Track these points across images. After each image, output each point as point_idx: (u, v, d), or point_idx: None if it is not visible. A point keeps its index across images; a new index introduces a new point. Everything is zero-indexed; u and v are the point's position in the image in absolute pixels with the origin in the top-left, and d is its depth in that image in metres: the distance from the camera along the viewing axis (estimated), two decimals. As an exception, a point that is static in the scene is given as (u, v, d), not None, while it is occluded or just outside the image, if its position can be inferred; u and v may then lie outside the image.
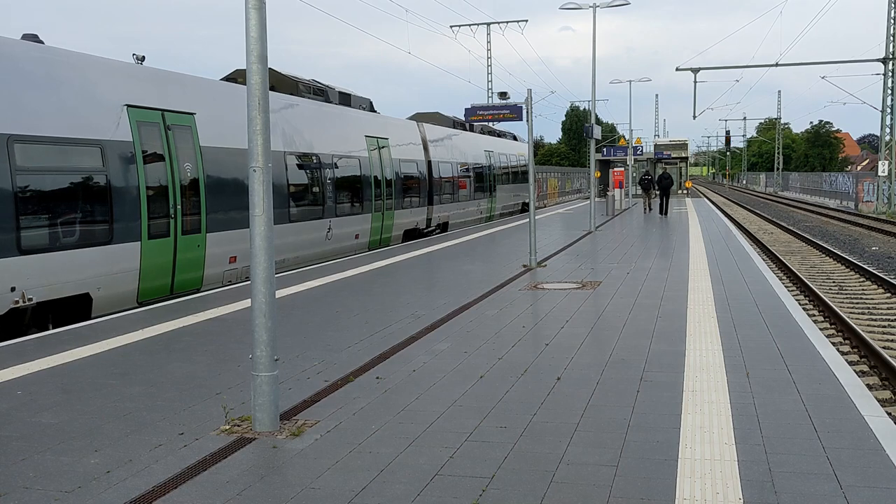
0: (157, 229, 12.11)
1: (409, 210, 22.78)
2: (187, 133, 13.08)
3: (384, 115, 22.85)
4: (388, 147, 21.48)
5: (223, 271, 13.85)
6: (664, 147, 55.48)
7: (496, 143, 33.88)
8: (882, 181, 43.12)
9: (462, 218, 28.15)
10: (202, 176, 13.28)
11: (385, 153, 21.23)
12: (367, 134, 20.36)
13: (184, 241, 12.78)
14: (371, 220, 20.03)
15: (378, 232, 20.61)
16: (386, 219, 21.11)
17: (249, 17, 5.70)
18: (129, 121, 11.74)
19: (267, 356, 5.77)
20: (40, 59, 10.69)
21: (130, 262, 11.57)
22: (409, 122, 24.92)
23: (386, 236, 21.27)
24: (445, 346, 8.42)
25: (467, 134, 30.25)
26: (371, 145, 20.38)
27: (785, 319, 9.48)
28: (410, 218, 23.02)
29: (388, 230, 21.32)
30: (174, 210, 12.47)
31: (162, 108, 12.52)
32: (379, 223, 20.62)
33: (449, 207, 26.65)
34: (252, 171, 5.74)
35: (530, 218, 16.25)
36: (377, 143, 20.75)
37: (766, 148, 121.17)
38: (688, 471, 4.86)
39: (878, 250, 24.85)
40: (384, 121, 22.31)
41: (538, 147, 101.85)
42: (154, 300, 12.10)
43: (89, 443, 5.54)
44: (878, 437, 5.38)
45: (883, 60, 41.35)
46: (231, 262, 14.10)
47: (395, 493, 4.62)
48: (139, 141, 11.84)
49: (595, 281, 13.15)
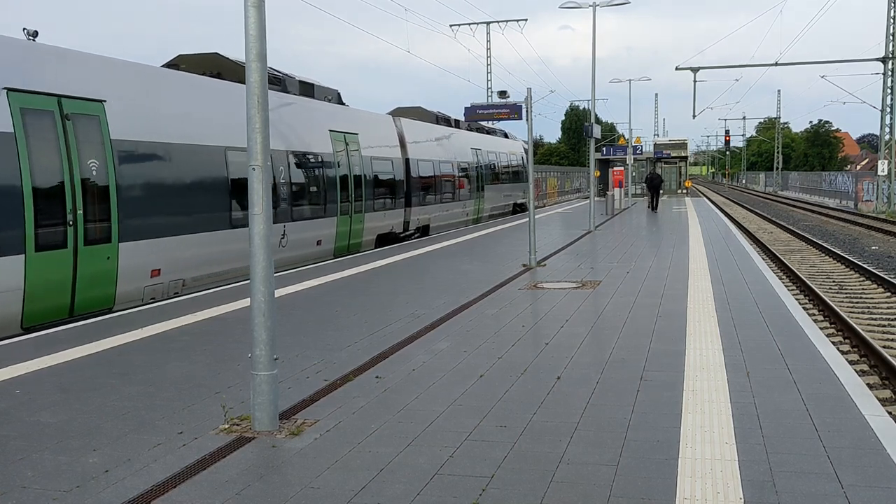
0: (47, 239, 10.15)
1: (382, 213, 20.85)
2: (93, 124, 11.12)
3: (354, 109, 21.05)
4: (357, 143, 19.53)
5: (143, 287, 11.85)
6: (664, 146, 55.47)
7: (485, 140, 32.28)
8: (882, 180, 43.10)
9: (445, 220, 26.33)
10: (113, 175, 11.28)
11: (354, 150, 19.27)
12: (333, 128, 18.42)
13: (87, 252, 10.79)
14: (336, 225, 18.07)
15: (345, 237, 18.70)
16: (354, 222, 19.11)
17: (248, 15, 5.69)
18: (9, 107, 9.80)
19: (266, 355, 5.76)
20: None
21: (9, 281, 9.66)
22: (383, 116, 23.13)
23: (355, 241, 19.34)
24: (445, 345, 8.41)
25: (451, 130, 28.53)
26: (337, 141, 18.45)
27: (785, 319, 9.47)
28: (385, 221, 21.12)
29: (357, 235, 19.35)
30: (73, 216, 10.52)
31: (58, 94, 10.55)
32: (346, 227, 18.66)
33: (430, 209, 24.78)
34: (251, 169, 5.74)
35: (530, 217, 16.24)
36: (344, 139, 18.84)
37: (766, 147, 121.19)
38: (688, 470, 4.85)
39: (877, 249, 24.84)
40: (354, 115, 20.45)
41: (538, 146, 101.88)
42: (47, 324, 10.22)
43: (88, 442, 5.53)
44: (879, 436, 5.37)
45: (882, 60, 41.32)
46: (154, 276, 12.12)
47: (395, 493, 4.61)
48: (23, 132, 9.91)
49: (595, 280, 13.14)
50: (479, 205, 30.27)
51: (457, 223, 27.51)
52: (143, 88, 12.48)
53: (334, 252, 18.13)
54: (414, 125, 24.46)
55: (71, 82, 10.94)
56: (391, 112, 25.73)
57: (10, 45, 10.41)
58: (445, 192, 26.21)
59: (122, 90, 11.91)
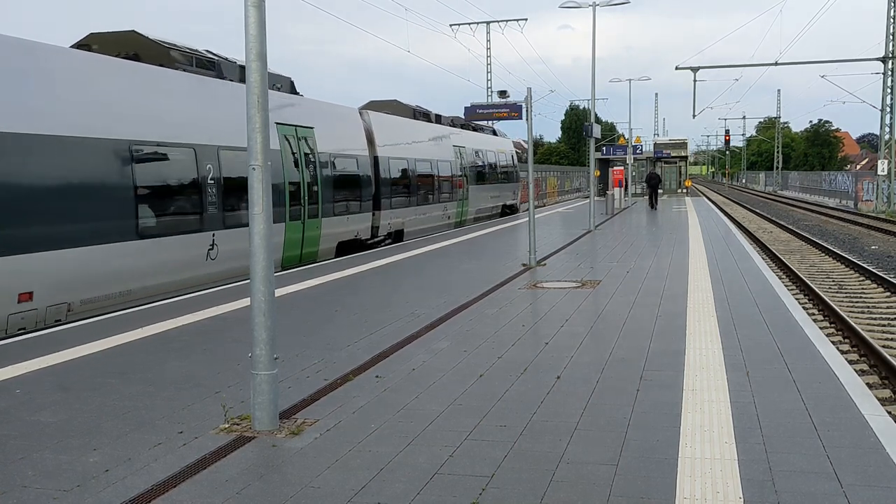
0: None
1: (345, 217, 18.37)
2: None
3: (310, 100, 18.37)
4: (312, 138, 17.02)
5: (7, 315, 9.64)
6: (664, 146, 55.48)
7: (470, 137, 30.01)
8: (881, 180, 43.10)
9: (422, 224, 23.97)
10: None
11: (308, 146, 16.82)
12: (281, 121, 15.89)
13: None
14: (285, 231, 15.54)
15: (296, 246, 16.17)
16: (308, 228, 16.58)
17: (248, 14, 5.68)
18: None
19: (266, 355, 5.76)
20: None
21: None
22: (347, 109, 20.43)
23: (310, 251, 16.83)
24: (445, 344, 8.41)
25: (431, 126, 26.28)
26: (286, 135, 16.00)
27: (785, 318, 9.47)
28: (348, 227, 18.58)
29: (312, 243, 16.82)
30: None
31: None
32: (297, 234, 16.09)
33: (403, 212, 22.50)
34: (251, 169, 5.72)
35: (530, 217, 16.24)
36: (295, 134, 16.39)
37: (766, 147, 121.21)
38: (688, 470, 4.85)
39: (877, 249, 24.85)
40: (309, 106, 17.75)
41: (538, 146, 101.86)
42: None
43: (88, 441, 5.53)
44: (879, 435, 5.37)
45: (882, 59, 41.32)
46: (23, 301, 9.84)
47: (395, 492, 4.61)
48: None
49: (595, 280, 13.14)
50: (462, 207, 28.23)
51: (436, 227, 25.30)
52: (24, 69, 10.36)
53: (283, 263, 15.61)
54: (386, 120, 22.27)
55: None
56: (364, 106, 23.74)
57: None
58: (422, 194, 23.98)
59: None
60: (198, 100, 13.82)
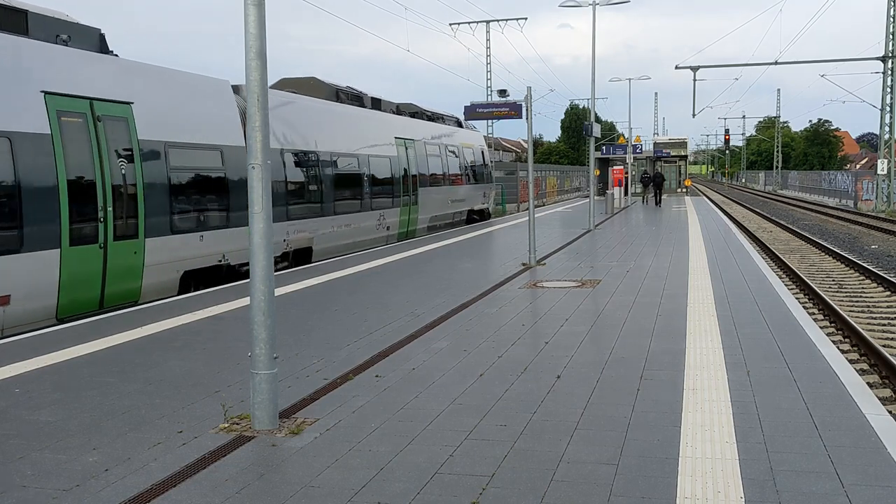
0: None
1: (196, 235, 13.02)
2: None
3: (133, 63, 12.35)
4: (130, 120, 11.70)
5: None
6: (663, 145, 55.49)
7: (420, 127, 24.40)
8: (881, 179, 43.10)
9: (342, 239, 18.35)
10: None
11: (118, 131, 11.47)
12: (55, 90, 10.42)
13: None
14: (60, 264, 10.21)
15: (93, 284, 10.83)
16: (122, 256, 11.31)
17: (248, 13, 5.67)
18: None
19: (266, 354, 5.75)
20: None
21: None
22: (208, 81, 14.21)
23: (121, 288, 11.39)
24: (445, 344, 8.40)
25: (363, 112, 20.83)
26: (68, 113, 10.59)
27: (785, 317, 9.47)
28: (204, 250, 13.21)
29: (130, 277, 11.53)
30: None
31: None
32: (95, 266, 10.82)
33: (310, 224, 16.82)
34: (251, 168, 5.72)
35: (529, 216, 16.24)
36: (92, 112, 10.99)
37: (766, 146, 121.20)
38: (688, 469, 4.84)
39: (877, 248, 24.85)
40: (128, 71, 12.08)
41: (538, 145, 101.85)
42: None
43: (87, 441, 5.52)
44: (879, 435, 5.37)
45: (882, 59, 41.31)
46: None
47: (395, 492, 4.60)
48: None
49: (594, 279, 13.14)
50: (408, 215, 22.45)
51: (368, 241, 19.79)
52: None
53: (57, 313, 10.35)
54: (281, 99, 16.70)
55: None
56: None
57: None
58: (344, 199, 18.48)
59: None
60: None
